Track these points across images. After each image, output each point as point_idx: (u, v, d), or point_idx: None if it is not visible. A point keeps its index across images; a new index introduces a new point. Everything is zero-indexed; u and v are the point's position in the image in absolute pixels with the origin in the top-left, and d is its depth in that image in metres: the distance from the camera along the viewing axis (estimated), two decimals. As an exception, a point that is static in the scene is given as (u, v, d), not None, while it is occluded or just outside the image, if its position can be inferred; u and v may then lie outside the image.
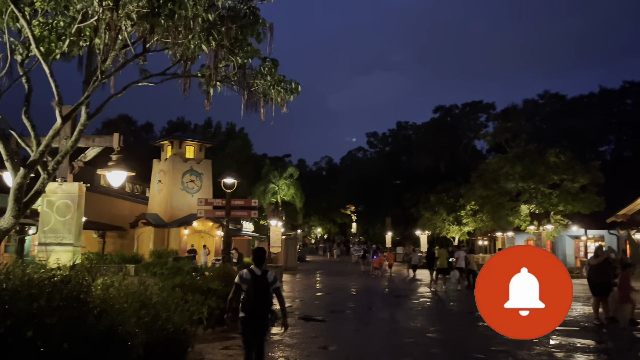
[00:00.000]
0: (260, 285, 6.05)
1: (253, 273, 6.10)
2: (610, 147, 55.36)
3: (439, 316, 13.61)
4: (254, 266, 6.18)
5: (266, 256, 6.72)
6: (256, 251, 6.48)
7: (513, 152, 33.25)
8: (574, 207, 29.67)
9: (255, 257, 6.36)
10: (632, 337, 10.44)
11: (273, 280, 6.17)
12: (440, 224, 38.32)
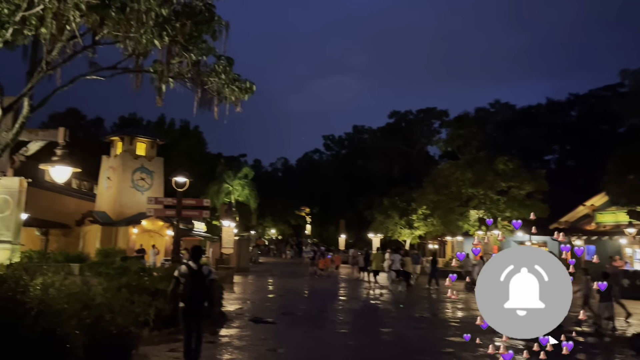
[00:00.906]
0: (197, 278, 6.93)
1: (190, 268, 6.99)
2: (555, 156, 57.62)
3: (388, 318, 13.77)
4: (192, 262, 7.09)
5: (202, 253, 7.66)
6: (193, 249, 7.46)
7: (464, 159, 34.06)
8: (520, 213, 30.64)
9: (193, 253, 7.32)
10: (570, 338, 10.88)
11: (208, 273, 7.08)
12: (393, 227, 38.83)
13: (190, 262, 7.10)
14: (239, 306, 14.94)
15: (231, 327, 11.29)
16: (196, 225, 33.36)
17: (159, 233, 29.09)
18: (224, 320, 11.90)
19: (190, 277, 6.91)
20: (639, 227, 22.49)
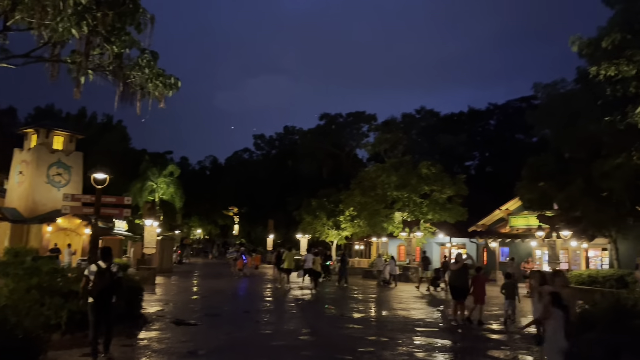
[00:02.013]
0: (104, 275, 7.75)
1: (99, 266, 7.82)
2: (474, 162, 60.63)
3: (311, 318, 13.88)
4: (101, 261, 7.93)
5: (112, 253, 8.29)
6: (103, 249, 8.39)
7: (390, 162, 35.05)
8: (441, 216, 32.00)
9: (102, 253, 8.17)
10: (482, 337, 11.47)
11: (116, 272, 7.93)
12: (321, 228, 39.25)
13: (100, 262, 7.88)
14: (159, 308, 14.51)
15: (151, 330, 10.94)
16: (117, 224, 32.03)
17: (75, 232, 27.68)
18: (143, 323, 11.50)
19: (99, 275, 7.73)
20: (547, 230, 24.05)
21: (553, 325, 6.57)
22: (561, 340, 6.51)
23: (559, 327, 6.52)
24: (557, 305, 6.67)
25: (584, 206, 20.94)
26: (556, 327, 6.54)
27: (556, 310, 6.63)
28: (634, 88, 15.40)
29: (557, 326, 6.53)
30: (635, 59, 14.79)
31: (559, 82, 21.00)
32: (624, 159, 16.60)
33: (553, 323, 6.59)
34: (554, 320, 6.58)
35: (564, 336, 6.52)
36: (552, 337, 6.56)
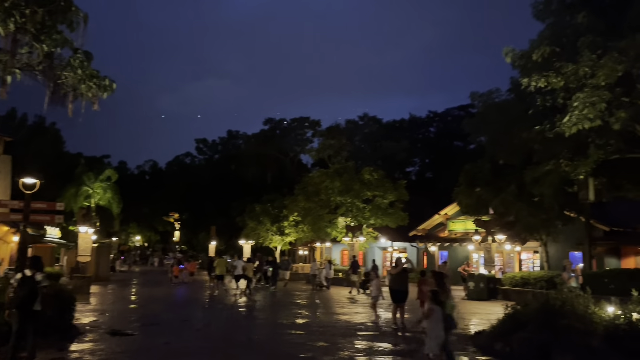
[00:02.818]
0: (27, 284, 7.77)
1: (24, 274, 7.87)
2: (415, 168, 62.22)
3: (250, 325, 13.73)
4: (28, 269, 7.95)
5: (42, 262, 8.29)
6: (32, 258, 8.53)
7: (334, 168, 35.32)
8: (383, 220, 32.54)
9: (31, 262, 8.20)
10: (421, 339, 11.70)
11: (39, 280, 7.89)
12: (264, 233, 38.95)
13: (27, 270, 7.93)
14: (94, 318, 13.92)
15: (83, 341, 10.46)
16: (49, 231, 30.46)
17: (3, 239, 26.09)
18: (75, 334, 10.99)
19: (22, 283, 7.77)
20: (483, 234, 24.95)
21: (433, 320, 7.39)
22: (440, 333, 7.37)
23: (438, 322, 7.38)
24: (436, 302, 7.56)
25: (517, 211, 21.94)
26: (436, 322, 7.38)
27: (436, 307, 7.49)
28: (562, 99, 16.26)
29: (436, 321, 7.37)
30: (563, 71, 15.62)
31: (494, 91, 21.89)
32: (553, 166, 17.48)
33: (433, 318, 7.41)
34: (433, 316, 7.41)
35: (442, 329, 7.41)
36: (432, 331, 7.39)
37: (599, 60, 14.86)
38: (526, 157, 19.35)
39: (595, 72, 14.91)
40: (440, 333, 7.39)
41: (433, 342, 7.41)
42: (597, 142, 16.18)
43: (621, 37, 14.65)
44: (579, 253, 23.63)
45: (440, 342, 7.43)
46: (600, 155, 16.31)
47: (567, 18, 16.96)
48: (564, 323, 9.39)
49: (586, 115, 14.93)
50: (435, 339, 7.39)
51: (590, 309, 9.66)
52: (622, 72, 14.94)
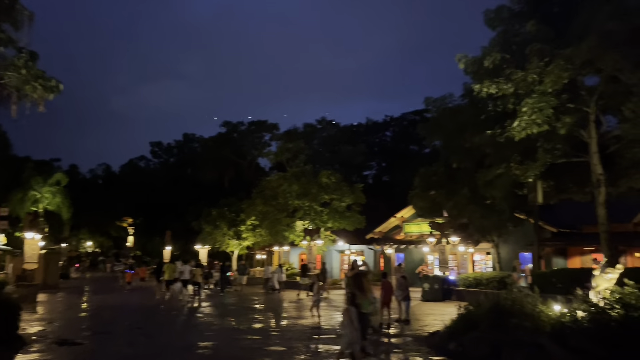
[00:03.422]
0: None
1: None
2: (372, 172, 62.99)
3: (207, 330, 13.50)
4: None
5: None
6: None
7: (292, 172, 35.27)
8: (341, 224, 32.73)
9: None
10: (377, 342, 11.81)
11: None
12: (221, 238, 38.43)
13: None
14: (41, 327, 13.36)
15: (29, 352, 10.03)
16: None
17: (-58, 247, 24.79)
18: (20, 345, 10.52)
19: None
20: (438, 236, 25.46)
21: (348, 320, 7.78)
22: (354, 332, 7.77)
23: (352, 321, 7.76)
24: (352, 303, 7.99)
25: (470, 213, 22.53)
26: (349, 321, 7.76)
27: (351, 307, 7.92)
28: (512, 104, 16.81)
29: (351, 320, 7.75)
30: (513, 78, 16.16)
31: (447, 96, 22.40)
32: (503, 170, 18.02)
33: (348, 318, 7.78)
34: (348, 316, 7.70)
35: (356, 329, 7.80)
36: (346, 329, 7.78)
37: (546, 68, 15.46)
38: (478, 160, 19.88)
39: (543, 79, 15.50)
40: (354, 333, 7.77)
41: (345, 339, 7.82)
42: (545, 146, 16.80)
43: (567, 45, 15.28)
44: (529, 254, 24.46)
45: (354, 341, 7.80)
46: (548, 159, 16.94)
47: (516, 26, 17.56)
48: (514, 322, 9.67)
49: (534, 121, 15.49)
50: (347, 337, 7.80)
51: (538, 308, 9.99)
52: (568, 79, 15.60)
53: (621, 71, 13.75)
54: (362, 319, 8.07)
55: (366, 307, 8.29)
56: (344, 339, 7.87)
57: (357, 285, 8.56)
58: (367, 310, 8.33)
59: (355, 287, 8.56)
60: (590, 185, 17.84)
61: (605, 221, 17.23)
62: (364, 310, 8.19)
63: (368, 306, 8.43)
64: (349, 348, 7.82)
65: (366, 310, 8.28)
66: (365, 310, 8.25)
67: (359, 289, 8.41)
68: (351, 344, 7.83)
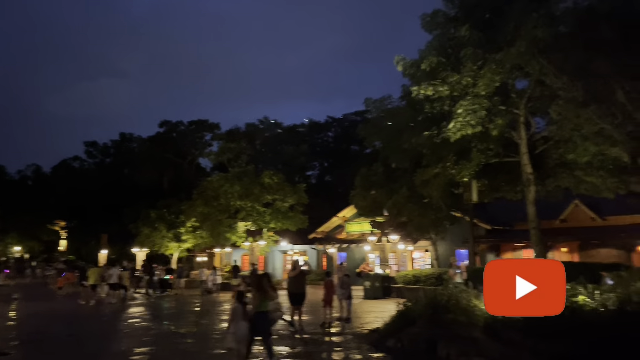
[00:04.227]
0: None
1: None
2: (315, 172, 63.26)
3: (144, 336, 13.09)
4: None
5: None
6: None
7: (233, 172, 34.85)
8: (284, 224, 32.66)
9: None
10: (319, 341, 11.87)
11: None
12: (160, 240, 37.40)
13: None
14: (-39, 340, 12.49)
15: (-53, 367, 9.36)
16: None
17: None
18: None
19: None
20: (378, 235, 25.90)
21: (235, 317, 8.12)
22: (241, 329, 8.08)
23: (239, 319, 8.11)
24: (239, 301, 8.30)
25: (409, 212, 23.08)
26: (236, 319, 8.10)
27: (238, 305, 8.24)
28: (447, 106, 17.39)
29: (238, 318, 8.10)
30: (448, 81, 16.71)
31: (386, 98, 22.85)
32: (440, 169, 18.60)
33: (235, 316, 8.15)
34: (235, 314, 8.16)
35: (243, 326, 8.14)
36: (234, 327, 8.09)
37: (479, 71, 16.08)
38: (416, 160, 20.41)
39: (477, 82, 16.12)
40: (240, 330, 8.08)
41: (232, 337, 8.10)
42: (478, 147, 17.47)
43: (499, 49, 15.96)
44: (465, 250, 25.33)
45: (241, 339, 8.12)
46: (481, 159, 17.62)
47: (452, 30, 18.16)
48: (450, 317, 10.00)
49: (469, 122, 16.07)
50: (233, 334, 8.09)
51: (473, 303, 10.36)
52: (499, 83, 16.30)
53: (547, 75, 14.50)
54: (261, 318, 8.39)
55: (265, 306, 8.54)
56: (230, 336, 8.16)
57: (256, 286, 8.83)
58: (266, 309, 8.58)
59: (254, 287, 8.87)
60: (521, 184, 18.73)
61: (535, 218, 18.13)
62: (262, 309, 8.47)
63: (267, 305, 8.65)
64: (235, 344, 8.11)
65: (265, 309, 8.54)
66: (264, 309, 8.53)
67: (257, 289, 8.69)
68: (239, 341, 8.13)
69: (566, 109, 14.05)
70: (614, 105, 12.67)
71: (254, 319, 8.33)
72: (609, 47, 12.28)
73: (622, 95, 12.39)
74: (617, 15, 12.59)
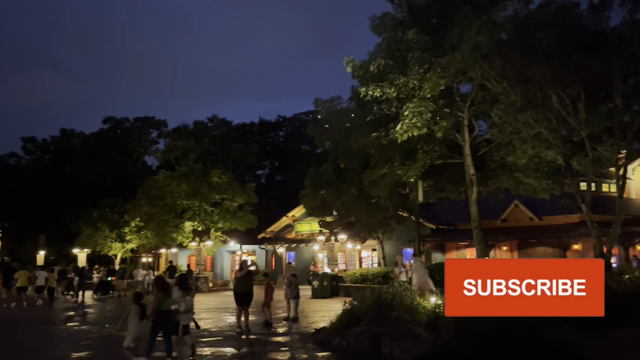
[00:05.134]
0: None
1: None
2: (265, 171, 62.95)
3: (83, 340, 12.63)
4: None
5: None
6: None
7: (180, 171, 34.18)
8: (232, 224, 32.30)
9: None
10: (265, 341, 11.81)
11: None
12: (102, 241, 36.18)
13: None
14: None
15: None
16: None
17: None
18: None
19: None
20: (327, 234, 26.07)
21: (132, 318, 8.53)
22: (136, 329, 8.49)
23: (135, 319, 8.52)
24: (136, 302, 8.74)
25: (357, 211, 23.37)
26: (133, 319, 8.53)
27: (135, 306, 8.67)
28: (395, 108, 17.72)
29: (134, 318, 8.53)
30: (396, 83, 17.03)
31: (336, 98, 23.05)
32: (387, 170, 18.93)
33: (132, 316, 8.54)
34: (133, 314, 8.55)
35: (138, 326, 8.54)
36: (130, 327, 8.55)
37: (425, 74, 16.48)
38: (365, 161, 20.70)
39: (423, 85, 16.51)
40: (135, 330, 8.51)
41: (129, 336, 8.52)
42: (424, 148, 17.90)
43: (444, 54, 16.41)
44: (411, 249, 25.89)
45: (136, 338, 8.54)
46: (427, 160, 18.07)
47: (400, 33, 18.52)
48: (394, 315, 10.20)
49: (415, 124, 16.43)
50: (130, 334, 8.52)
51: (416, 301, 10.61)
52: (444, 86, 16.76)
53: (489, 80, 15.04)
54: (162, 317, 8.83)
55: (167, 305, 8.98)
56: (129, 336, 8.53)
57: (159, 286, 9.16)
58: (168, 308, 9.01)
59: (156, 287, 9.19)
60: (464, 185, 19.33)
61: (477, 218, 18.76)
62: (164, 309, 8.89)
63: (169, 305, 9.07)
64: (132, 343, 8.48)
65: (167, 308, 8.97)
66: (166, 309, 8.96)
67: (160, 289, 9.03)
68: (136, 339, 8.53)
69: (506, 113, 14.61)
70: (550, 111, 13.29)
71: (155, 318, 8.80)
72: (545, 54, 12.87)
73: (557, 101, 13.02)
74: (553, 25, 13.21)
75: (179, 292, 9.54)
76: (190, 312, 9.87)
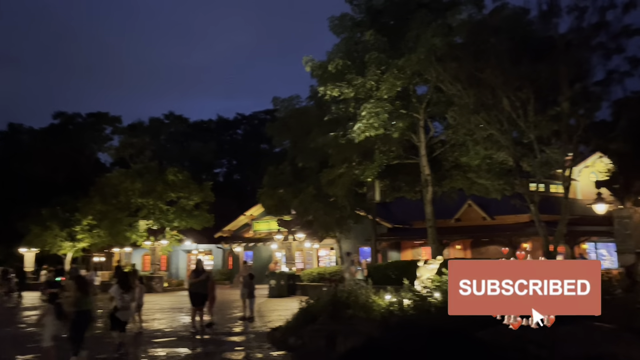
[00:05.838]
0: None
1: None
2: (223, 170, 62.17)
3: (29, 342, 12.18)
4: None
5: None
6: None
7: (135, 168, 33.39)
8: (188, 223, 31.79)
9: None
10: (220, 341, 11.70)
11: None
12: (52, 240, 34.89)
13: None
14: None
15: None
16: None
17: None
18: None
19: None
20: (285, 233, 26.04)
21: (48, 317, 8.70)
22: (52, 328, 8.64)
23: (52, 318, 8.67)
24: (51, 302, 9.07)
25: (315, 210, 23.42)
26: (50, 319, 8.66)
27: (50, 305, 8.99)
28: (352, 108, 17.88)
29: (51, 317, 8.68)
30: (354, 83, 17.19)
31: (294, 97, 23.04)
32: (345, 169, 19.07)
33: (49, 315, 8.71)
34: (49, 314, 8.73)
35: (55, 325, 8.72)
36: (47, 326, 8.66)
37: (383, 75, 16.70)
38: (323, 160, 20.78)
39: (380, 86, 16.73)
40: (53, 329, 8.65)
41: (47, 334, 8.63)
42: (381, 148, 18.14)
43: (401, 55, 16.67)
44: (368, 248, 26.17)
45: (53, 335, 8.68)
46: (384, 160, 18.31)
47: (358, 34, 18.70)
48: (349, 313, 10.29)
49: (372, 124, 16.63)
50: (46, 333, 8.64)
51: (371, 299, 10.75)
52: (401, 87, 17.03)
53: (444, 82, 15.38)
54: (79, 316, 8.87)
55: (85, 305, 9.06)
56: (46, 334, 8.63)
57: (79, 287, 9.23)
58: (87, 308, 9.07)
59: (76, 288, 9.24)
60: (420, 184, 19.70)
61: (432, 217, 19.15)
62: (83, 308, 8.96)
63: (88, 304, 9.16)
64: (49, 342, 8.61)
65: (85, 307, 9.03)
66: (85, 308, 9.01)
67: (79, 289, 9.13)
68: (53, 338, 8.65)
69: (460, 114, 14.97)
70: (501, 113, 13.71)
71: (74, 317, 8.85)
72: (497, 58, 13.27)
73: (508, 104, 13.44)
74: (505, 30, 13.64)
75: (118, 290, 9.88)
76: (127, 309, 10.07)
